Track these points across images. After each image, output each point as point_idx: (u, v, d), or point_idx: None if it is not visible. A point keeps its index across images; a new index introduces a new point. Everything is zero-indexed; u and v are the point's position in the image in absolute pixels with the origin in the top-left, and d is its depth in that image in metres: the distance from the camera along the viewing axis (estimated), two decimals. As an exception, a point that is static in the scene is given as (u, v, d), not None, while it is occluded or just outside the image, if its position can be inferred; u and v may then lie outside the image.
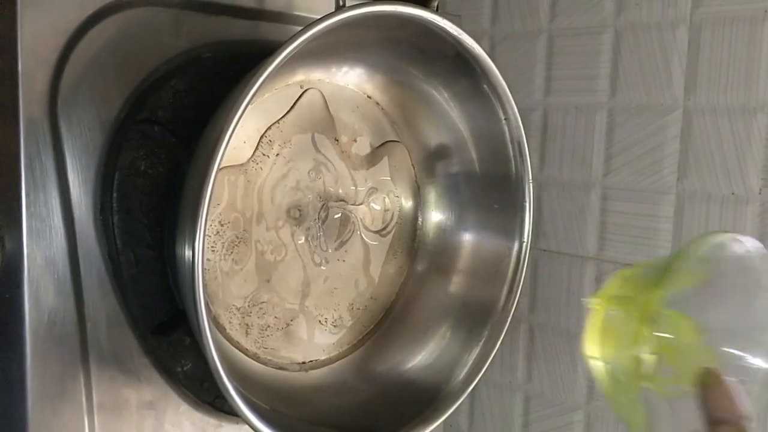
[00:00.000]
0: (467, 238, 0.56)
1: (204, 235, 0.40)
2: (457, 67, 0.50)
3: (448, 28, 0.47)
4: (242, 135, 0.50)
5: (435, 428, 0.53)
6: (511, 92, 0.52)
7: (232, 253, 0.50)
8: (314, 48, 0.47)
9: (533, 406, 0.81)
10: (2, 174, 0.43)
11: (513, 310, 0.52)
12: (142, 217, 0.46)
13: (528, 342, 0.81)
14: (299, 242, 0.53)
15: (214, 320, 0.50)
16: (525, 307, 0.80)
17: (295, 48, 0.41)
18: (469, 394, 0.86)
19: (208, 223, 0.49)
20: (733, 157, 0.65)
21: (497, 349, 0.54)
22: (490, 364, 0.84)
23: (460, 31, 0.48)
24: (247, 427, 0.54)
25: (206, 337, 0.41)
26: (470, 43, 0.48)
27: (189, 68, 0.47)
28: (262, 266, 0.52)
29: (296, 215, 0.53)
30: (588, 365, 0.45)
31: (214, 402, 0.51)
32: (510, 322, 0.53)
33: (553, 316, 0.78)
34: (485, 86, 0.51)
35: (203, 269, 0.40)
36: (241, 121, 0.49)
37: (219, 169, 0.40)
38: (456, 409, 0.88)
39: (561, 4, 0.77)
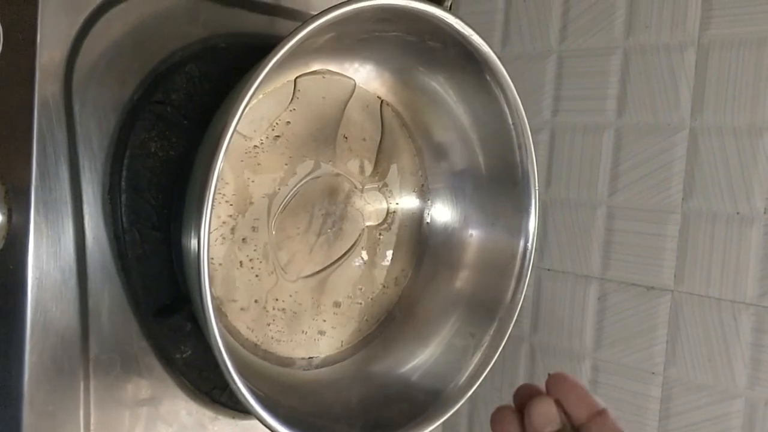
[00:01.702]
0: (473, 238, 0.56)
1: (209, 224, 0.39)
2: (466, 68, 0.51)
3: (457, 27, 0.47)
4: (253, 124, 0.50)
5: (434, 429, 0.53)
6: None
7: (237, 242, 0.50)
8: (327, 41, 0.48)
9: (533, 428, 0.79)
10: (14, 146, 0.43)
11: (519, 306, 0.52)
12: (149, 198, 0.47)
13: (529, 362, 0.80)
14: (304, 237, 0.53)
15: (217, 308, 0.50)
16: (527, 328, 0.80)
17: (301, 39, 0.41)
18: (468, 414, 0.85)
19: (215, 210, 0.49)
20: (738, 177, 0.66)
21: (500, 360, 0.53)
22: (491, 384, 0.83)
23: (470, 30, 0.48)
24: (242, 421, 0.53)
25: (211, 325, 0.40)
26: (479, 43, 0.49)
27: (205, 55, 0.48)
28: (266, 259, 0.52)
29: (302, 210, 0.53)
30: None
31: (211, 392, 0.50)
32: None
33: (555, 336, 0.78)
34: (494, 89, 0.51)
35: (209, 259, 0.40)
36: (252, 109, 0.50)
37: (226, 158, 0.40)
38: (455, 423, 0.87)
39: (571, 26, 0.78)
